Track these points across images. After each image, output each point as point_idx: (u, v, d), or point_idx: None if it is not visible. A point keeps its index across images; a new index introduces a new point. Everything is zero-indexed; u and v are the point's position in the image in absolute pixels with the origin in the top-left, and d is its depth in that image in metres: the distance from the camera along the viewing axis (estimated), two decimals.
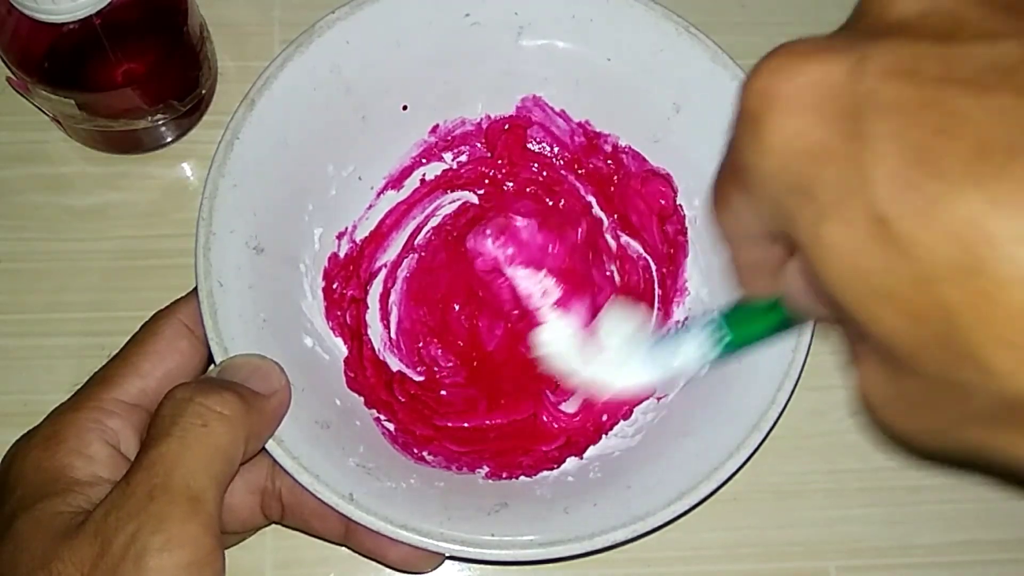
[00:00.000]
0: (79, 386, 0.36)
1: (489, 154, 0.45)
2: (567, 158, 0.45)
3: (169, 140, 0.47)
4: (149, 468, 0.31)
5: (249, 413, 0.33)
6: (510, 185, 0.46)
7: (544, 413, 0.43)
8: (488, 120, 0.45)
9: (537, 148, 0.45)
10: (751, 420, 0.36)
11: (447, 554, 0.36)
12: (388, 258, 0.45)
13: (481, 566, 0.42)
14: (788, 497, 0.44)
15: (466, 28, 0.42)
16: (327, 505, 0.35)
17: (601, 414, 0.42)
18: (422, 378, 0.43)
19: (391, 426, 0.41)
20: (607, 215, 0.45)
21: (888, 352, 0.23)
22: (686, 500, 0.36)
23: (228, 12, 0.49)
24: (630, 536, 0.35)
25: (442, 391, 0.43)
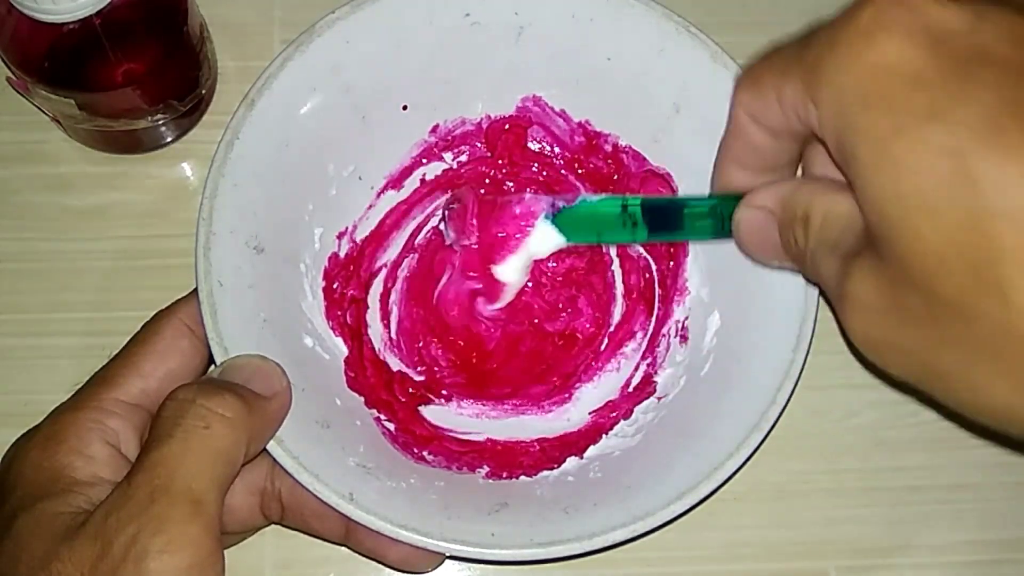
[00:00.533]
0: (79, 386, 0.36)
1: (489, 154, 0.45)
2: (567, 158, 0.45)
3: (169, 140, 0.47)
4: (150, 470, 0.31)
5: (251, 415, 0.33)
6: (510, 185, 0.46)
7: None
8: (488, 120, 0.45)
9: (537, 148, 0.45)
10: (751, 420, 0.37)
11: (447, 554, 0.36)
12: (388, 258, 0.45)
13: (481, 566, 0.42)
14: (788, 497, 0.44)
15: (466, 28, 0.42)
16: (327, 505, 0.35)
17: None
18: (422, 378, 0.43)
19: (391, 426, 0.41)
20: None
21: (903, 265, 0.25)
22: (686, 500, 0.36)
23: (228, 12, 0.49)
24: (630, 536, 0.35)
25: (443, 391, 0.43)
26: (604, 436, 0.42)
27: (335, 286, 0.43)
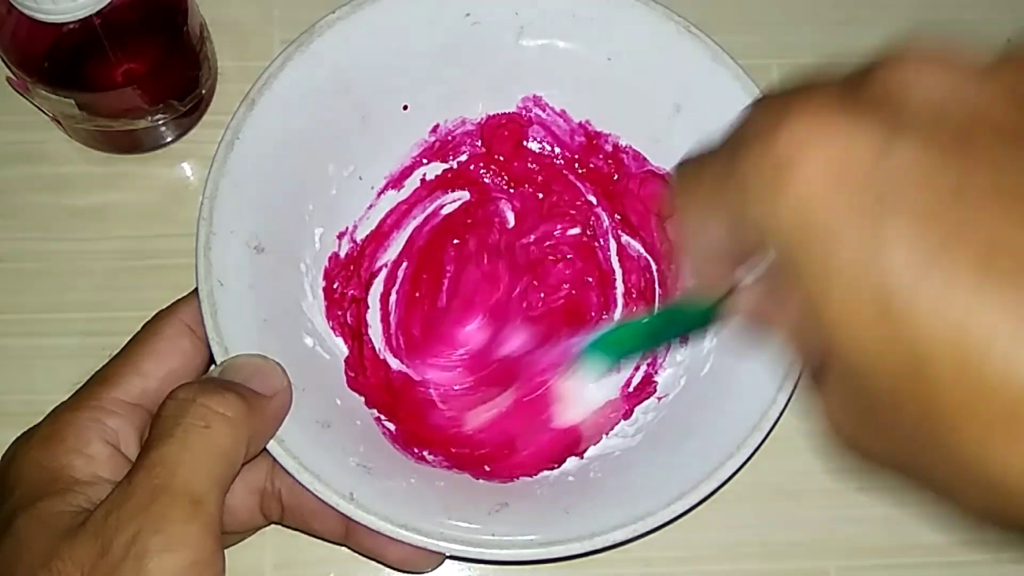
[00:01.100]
0: (79, 386, 0.36)
1: (489, 154, 0.45)
2: (567, 158, 0.45)
3: (169, 140, 0.47)
4: (150, 469, 0.31)
5: (251, 414, 0.33)
6: (510, 185, 0.46)
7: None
8: (488, 119, 0.45)
9: (537, 148, 0.45)
10: (751, 420, 0.37)
11: (447, 554, 0.36)
12: (389, 258, 0.45)
13: (481, 566, 0.42)
14: (788, 497, 0.44)
15: (466, 28, 0.42)
16: (327, 505, 0.35)
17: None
18: (422, 377, 0.43)
19: (391, 426, 0.41)
20: (607, 215, 0.45)
21: (866, 392, 0.24)
22: (686, 500, 0.36)
23: (228, 12, 0.49)
24: (630, 536, 0.35)
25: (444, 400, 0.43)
26: (604, 436, 0.42)
27: (335, 286, 0.43)
